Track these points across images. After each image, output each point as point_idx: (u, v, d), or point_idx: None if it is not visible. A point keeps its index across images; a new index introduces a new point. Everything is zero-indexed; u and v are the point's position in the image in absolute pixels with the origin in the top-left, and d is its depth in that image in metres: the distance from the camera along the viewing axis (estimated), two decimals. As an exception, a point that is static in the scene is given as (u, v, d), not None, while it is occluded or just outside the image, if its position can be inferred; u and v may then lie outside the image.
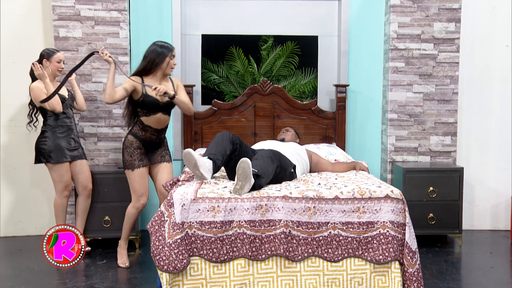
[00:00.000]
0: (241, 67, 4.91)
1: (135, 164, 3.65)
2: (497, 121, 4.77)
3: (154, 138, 3.68)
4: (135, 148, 3.65)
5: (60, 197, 3.98)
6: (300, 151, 3.88)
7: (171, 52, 3.62)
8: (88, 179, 4.05)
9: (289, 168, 3.49)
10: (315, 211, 2.98)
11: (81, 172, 4.01)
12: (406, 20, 4.51)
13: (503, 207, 4.79)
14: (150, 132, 3.65)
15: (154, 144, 3.71)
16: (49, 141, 3.88)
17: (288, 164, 3.50)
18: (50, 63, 3.91)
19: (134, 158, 3.65)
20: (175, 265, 2.85)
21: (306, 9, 4.82)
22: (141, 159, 3.67)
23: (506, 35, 4.71)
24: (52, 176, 3.95)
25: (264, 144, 3.94)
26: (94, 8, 4.33)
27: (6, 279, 3.54)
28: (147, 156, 3.71)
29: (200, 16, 4.79)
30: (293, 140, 4.23)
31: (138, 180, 3.66)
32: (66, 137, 3.94)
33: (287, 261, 2.98)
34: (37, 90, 3.82)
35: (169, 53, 3.60)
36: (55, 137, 3.89)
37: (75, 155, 3.98)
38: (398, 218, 3.02)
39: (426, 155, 4.61)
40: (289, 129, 4.36)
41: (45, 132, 3.91)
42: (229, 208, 2.93)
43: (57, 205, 3.99)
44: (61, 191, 3.97)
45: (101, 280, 3.50)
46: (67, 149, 3.93)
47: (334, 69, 4.87)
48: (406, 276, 2.99)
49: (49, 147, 3.87)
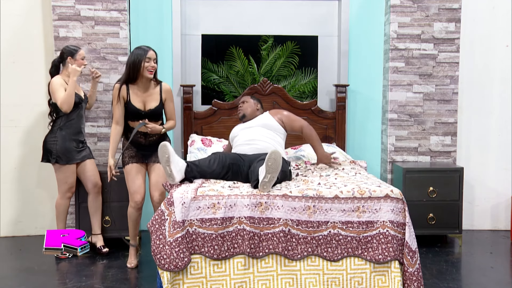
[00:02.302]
0: (241, 67, 4.92)
1: (125, 161, 3.69)
2: (497, 121, 4.77)
3: (142, 141, 3.68)
4: (127, 148, 3.69)
5: (63, 198, 3.99)
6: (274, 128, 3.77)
7: (146, 54, 3.53)
8: (97, 177, 4.06)
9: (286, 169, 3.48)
10: (315, 210, 2.98)
11: (89, 171, 4.02)
12: (406, 20, 4.52)
13: (503, 207, 4.79)
14: (137, 136, 3.66)
15: (145, 146, 3.69)
16: (59, 142, 3.88)
17: (287, 167, 3.49)
18: (74, 61, 3.94)
19: (125, 156, 3.69)
20: (176, 263, 2.85)
21: (306, 9, 4.82)
22: (131, 156, 3.68)
23: (506, 35, 4.71)
24: (58, 177, 3.95)
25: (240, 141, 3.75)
26: (94, 8, 4.33)
27: (6, 279, 3.54)
28: (140, 154, 3.70)
29: (200, 16, 4.79)
30: (253, 111, 3.98)
31: (129, 177, 3.67)
32: (75, 138, 3.95)
33: (287, 260, 2.98)
34: (57, 85, 3.84)
35: (144, 56, 3.53)
36: (65, 138, 3.90)
37: (83, 155, 4.00)
38: (398, 217, 3.02)
39: (426, 155, 4.61)
40: (245, 99, 4.05)
41: (55, 131, 3.91)
42: (229, 204, 2.94)
43: (59, 206, 4.00)
44: (64, 192, 3.98)
45: (101, 280, 3.49)
46: (75, 151, 3.94)
47: (334, 69, 4.87)
48: (406, 275, 2.99)
49: (58, 148, 3.87)
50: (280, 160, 2.94)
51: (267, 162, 2.94)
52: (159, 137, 3.73)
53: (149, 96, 3.65)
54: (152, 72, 3.58)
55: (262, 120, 3.86)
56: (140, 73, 3.56)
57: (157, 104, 3.64)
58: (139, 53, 3.54)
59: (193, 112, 4.62)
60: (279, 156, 2.93)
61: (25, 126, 4.51)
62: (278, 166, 2.94)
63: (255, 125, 3.83)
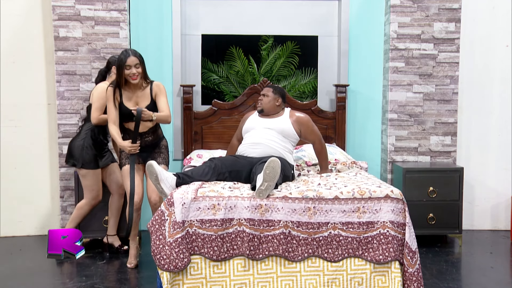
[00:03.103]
0: (241, 67, 4.92)
1: (122, 162, 3.68)
2: (497, 121, 4.77)
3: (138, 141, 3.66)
4: None
5: (88, 204, 3.93)
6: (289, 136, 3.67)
7: (126, 61, 3.46)
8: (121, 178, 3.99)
9: (289, 174, 3.48)
10: (315, 211, 2.98)
11: (113, 173, 4.00)
12: (406, 20, 4.52)
13: (503, 207, 4.79)
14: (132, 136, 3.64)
15: (141, 147, 3.65)
16: (87, 149, 3.85)
17: (289, 171, 3.48)
18: None
19: (122, 156, 3.69)
20: (176, 264, 2.85)
21: (306, 9, 4.82)
22: (127, 157, 3.66)
23: (506, 35, 4.71)
24: (84, 183, 3.92)
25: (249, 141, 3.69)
26: (94, 8, 4.33)
27: (6, 279, 3.54)
28: (137, 155, 3.67)
29: (200, 16, 4.79)
30: (272, 106, 3.76)
31: (126, 179, 3.66)
32: (101, 145, 3.95)
33: (287, 261, 2.98)
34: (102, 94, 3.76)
35: (124, 63, 3.46)
36: (91, 145, 3.87)
37: (107, 159, 3.99)
38: (398, 218, 3.02)
39: (426, 155, 4.61)
40: (265, 92, 3.80)
41: (84, 137, 3.87)
42: (229, 206, 2.94)
43: (80, 209, 3.94)
44: (90, 199, 3.93)
45: (101, 280, 3.49)
46: (100, 157, 3.94)
47: (334, 69, 4.87)
48: (406, 276, 2.99)
49: (85, 154, 3.84)
50: (278, 169, 2.92)
51: (265, 170, 2.92)
52: (155, 137, 3.72)
53: (141, 97, 3.62)
54: (135, 78, 3.51)
55: (281, 124, 3.69)
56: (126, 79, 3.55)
57: (148, 103, 3.61)
58: (121, 59, 3.49)
59: (193, 112, 4.62)
60: (277, 165, 2.91)
61: (25, 126, 4.51)
62: (276, 175, 2.92)
63: (273, 128, 3.67)
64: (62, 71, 4.33)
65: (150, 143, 3.70)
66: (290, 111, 3.83)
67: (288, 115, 3.77)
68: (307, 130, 3.74)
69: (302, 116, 3.76)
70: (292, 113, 3.79)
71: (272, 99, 3.77)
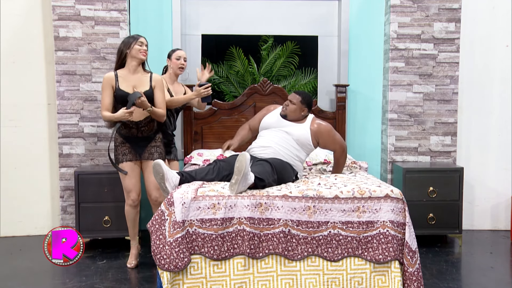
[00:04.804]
0: (241, 67, 4.92)
1: (119, 159, 3.66)
2: (497, 121, 4.77)
3: (135, 131, 3.63)
4: (120, 143, 3.66)
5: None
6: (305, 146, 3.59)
7: (138, 39, 3.59)
8: None
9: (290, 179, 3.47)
10: (315, 211, 2.98)
11: None
12: (406, 20, 4.52)
13: (503, 207, 4.79)
14: (129, 126, 3.61)
15: (138, 138, 3.65)
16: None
17: (290, 176, 3.46)
18: (170, 61, 4.06)
19: (119, 153, 3.67)
20: (176, 263, 2.85)
21: (306, 9, 4.82)
22: (124, 153, 3.65)
23: (506, 35, 4.71)
24: None
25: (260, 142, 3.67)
26: (94, 8, 4.33)
27: (6, 279, 3.54)
28: (133, 151, 3.66)
29: (200, 16, 4.79)
30: (297, 116, 3.68)
31: (123, 176, 3.66)
32: None
33: (287, 260, 2.99)
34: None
35: (136, 40, 3.58)
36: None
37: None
38: (398, 217, 3.02)
39: (426, 155, 4.61)
40: (292, 98, 3.70)
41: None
42: (229, 205, 2.94)
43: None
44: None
45: (101, 280, 3.49)
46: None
47: (334, 69, 4.87)
48: (406, 275, 2.99)
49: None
50: (245, 163, 2.90)
51: (235, 164, 2.94)
52: (152, 129, 3.69)
53: (139, 81, 3.60)
54: (144, 54, 3.61)
55: (299, 131, 3.60)
56: (130, 55, 3.56)
57: (147, 89, 3.59)
58: (130, 39, 3.59)
59: (193, 112, 4.61)
60: (245, 159, 2.91)
61: (25, 126, 4.51)
62: (242, 169, 2.91)
63: (290, 133, 3.60)
64: (62, 71, 4.33)
65: (147, 135, 3.68)
66: (313, 119, 3.72)
67: (309, 124, 3.67)
68: (328, 140, 3.65)
69: (322, 125, 3.66)
70: (313, 121, 3.69)
71: (298, 108, 3.68)
